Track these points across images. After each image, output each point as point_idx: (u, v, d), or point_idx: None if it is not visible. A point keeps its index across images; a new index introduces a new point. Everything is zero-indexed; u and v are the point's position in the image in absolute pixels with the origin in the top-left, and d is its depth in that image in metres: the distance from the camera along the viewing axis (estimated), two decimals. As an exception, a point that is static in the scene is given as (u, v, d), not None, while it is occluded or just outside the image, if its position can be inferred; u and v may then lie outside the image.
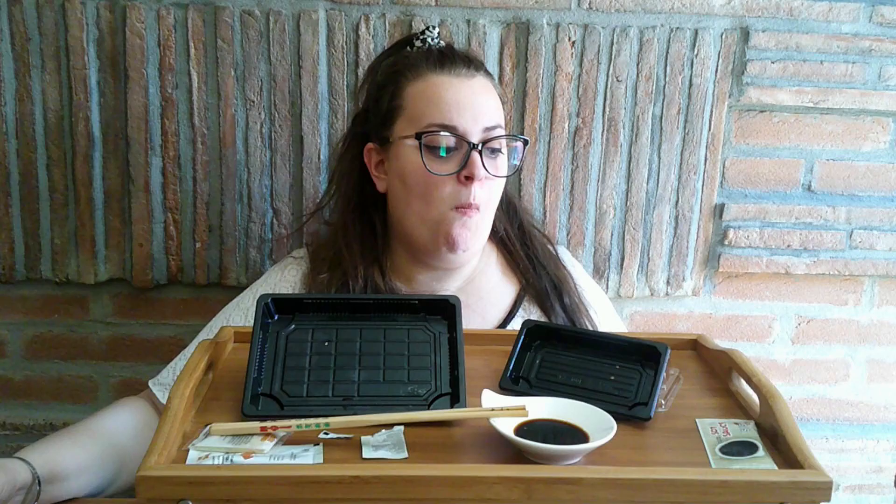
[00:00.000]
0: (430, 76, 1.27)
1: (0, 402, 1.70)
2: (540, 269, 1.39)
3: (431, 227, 1.27)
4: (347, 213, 1.36)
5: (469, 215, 1.25)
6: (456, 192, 1.25)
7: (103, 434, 1.20)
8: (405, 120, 1.28)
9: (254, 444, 0.84)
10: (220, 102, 1.56)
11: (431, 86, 1.27)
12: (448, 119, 1.24)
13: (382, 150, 1.32)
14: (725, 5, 1.58)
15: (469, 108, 1.25)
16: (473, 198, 1.24)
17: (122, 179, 1.59)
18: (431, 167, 1.24)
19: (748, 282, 1.73)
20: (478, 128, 1.25)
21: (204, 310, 1.66)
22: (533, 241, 1.42)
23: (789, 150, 1.67)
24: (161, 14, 1.52)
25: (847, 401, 1.80)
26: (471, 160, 1.24)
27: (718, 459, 0.86)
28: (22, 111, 1.54)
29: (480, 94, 1.28)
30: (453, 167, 1.24)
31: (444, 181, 1.24)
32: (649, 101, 1.61)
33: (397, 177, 1.29)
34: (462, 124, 1.24)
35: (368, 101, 1.36)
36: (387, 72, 1.33)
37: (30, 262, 1.61)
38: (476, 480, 0.78)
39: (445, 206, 1.25)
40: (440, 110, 1.25)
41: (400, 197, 1.29)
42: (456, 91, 1.26)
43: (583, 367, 1.01)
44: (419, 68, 1.28)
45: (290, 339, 0.99)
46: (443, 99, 1.25)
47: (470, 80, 1.28)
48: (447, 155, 1.24)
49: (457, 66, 1.28)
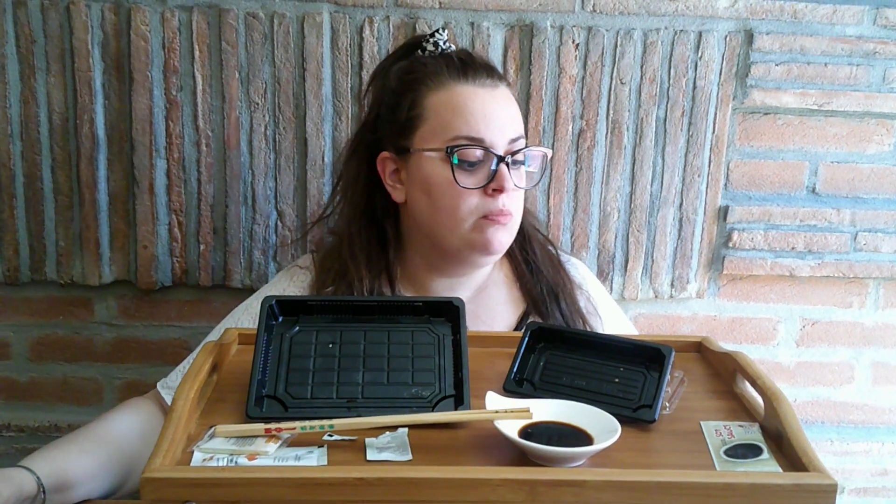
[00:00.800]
0: (455, 86, 1.25)
1: (5, 404, 1.70)
2: (538, 275, 1.37)
3: (462, 235, 1.25)
4: (354, 223, 1.34)
5: (502, 221, 1.24)
6: (484, 203, 1.23)
7: (111, 439, 1.19)
8: (428, 130, 1.25)
9: (258, 445, 0.84)
10: (224, 105, 1.57)
11: (456, 96, 1.24)
12: (476, 131, 1.22)
13: (400, 160, 1.29)
14: (729, 8, 1.58)
15: (495, 119, 1.23)
16: (503, 206, 1.23)
17: (126, 181, 1.59)
18: (461, 180, 1.22)
19: (752, 284, 1.72)
20: (504, 140, 1.24)
21: (208, 312, 1.67)
22: (532, 244, 1.40)
23: (793, 152, 1.67)
24: (166, 16, 1.52)
25: (852, 403, 1.80)
26: (499, 173, 1.22)
27: (723, 462, 0.86)
28: (27, 113, 1.55)
29: (505, 104, 1.26)
30: (481, 179, 1.23)
31: (472, 193, 1.23)
32: (653, 104, 1.61)
33: (420, 188, 1.26)
34: (489, 136, 1.22)
35: (381, 108, 1.33)
36: (403, 78, 1.29)
37: (35, 263, 1.61)
38: (480, 482, 0.78)
39: (474, 216, 1.24)
40: (468, 122, 1.22)
41: (422, 208, 1.27)
42: (482, 102, 1.24)
43: (587, 369, 1.01)
44: (441, 76, 1.26)
45: (294, 341, 1.00)
46: (469, 110, 1.23)
47: (494, 90, 1.26)
48: (474, 167, 1.23)
49: (480, 75, 1.26)
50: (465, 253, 1.27)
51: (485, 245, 1.25)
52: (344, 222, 1.37)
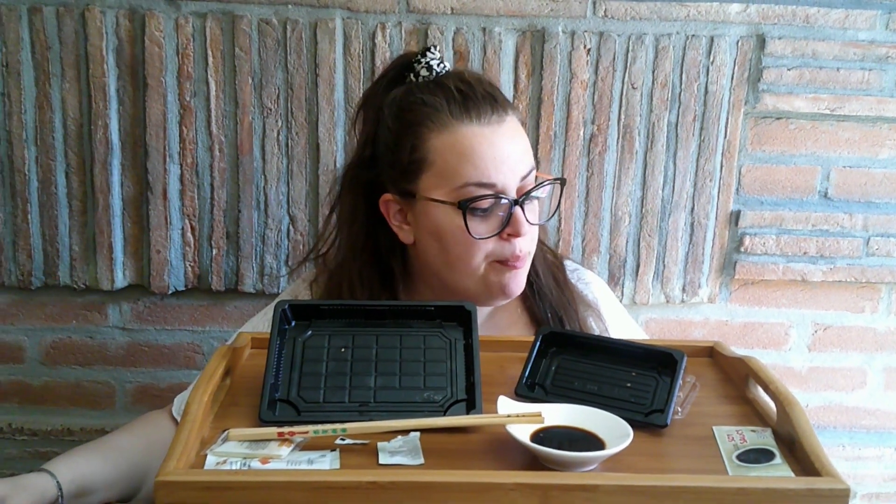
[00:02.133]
0: (459, 127, 1.16)
1: (19, 408, 1.71)
2: (542, 298, 1.31)
3: (477, 280, 1.20)
4: (355, 261, 1.27)
5: (518, 266, 1.19)
6: (499, 248, 1.18)
7: (132, 451, 1.20)
8: (434, 176, 1.17)
9: (271, 449, 0.84)
10: (237, 110, 1.58)
11: (462, 138, 1.16)
12: (486, 177, 1.15)
13: (405, 202, 1.21)
14: (741, 13, 1.58)
15: (506, 160, 1.16)
16: (519, 250, 1.18)
17: (140, 186, 1.60)
18: (474, 230, 1.15)
19: (764, 289, 1.72)
20: (515, 179, 1.17)
21: (221, 316, 1.68)
22: (537, 268, 1.30)
23: (805, 157, 1.67)
24: (180, 23, 1.53)
25: (864, 408, 1.80)
26: (514, 218, 1.16)
27: (735, 467, 0.86)
28: (42, 119, 1.56)
29: (512, 139, 1.18)
30: (495, 226, 1.17)
31: (488, 240, 1.17)
32: (665, 109, 1.61)
33: (429, 234, 1.20)
34: (501, 181, 1.15)
35: (378, 146, 1.24)
36: (402, 117, 1.20)
37: (48, 268, 1.62)
38: (492, 487, 0.78)
39: (488, 260, 1.19)
40: (477, 168, 1.15)
41: (433, 252, 1.21)
42: (490, 144, 1.16)
43: (599, 373, 1.01)
44: (442, 116, 1.17)
45: (307, 345, 1.00)
46: (478, 154, 1.15)
47: (500, 126, 1.18)
48: (486, 212, 1.16)
49: (484, 111, 1.17)
50: (481, 297, 1.21)
51: (501, 290, 1.20)
52: (343, 259, 1.30)
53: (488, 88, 1.21)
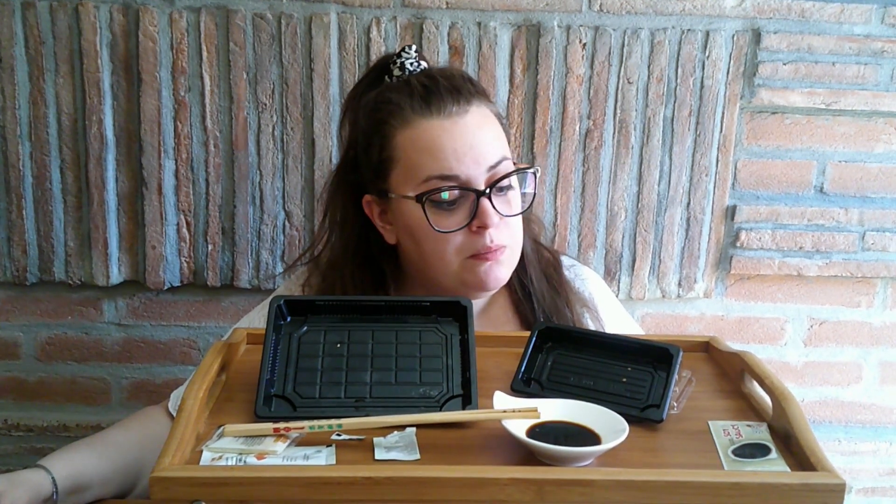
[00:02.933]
0: (419, 121, 1.15)
1: (14, 404, 1.71)
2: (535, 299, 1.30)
3: (454, 276, 1.19)
4: (347, 263, 1.27)
5: (490, 259, 1.16)
6: (470, 242, 1.16)
7: (127, 445, 1.20)
8: (401, 173, 1.17)
9: (267, 445, 0.84)
10: (232, 105, 1.57)
11: (422, 132, 1.15)
12: (448, 169, 1.13)
13: (383, 202, 1.22)
14: (737, 7, 1.58)
15: (468, 151, 1.14)
16: (491, 241, 1.15)
17: (135, 182, 1.60)
18: (439, 224, 1.14)
19: (760, 284, 1.72)
20: (481, 170, 1.15)
21: (217, 312, 1.67)
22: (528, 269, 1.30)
23: (801, 151, 1.67)
24: (174, 18, 1.53)
25: (860, 403, 1.80)
26: (480, 209, 1.14)
27: (731, 462, 0.86)
28: (36, 114, 1.56)
29: (477, 130, 1.16)
30: (463, 218, 1.15)
31: (456, 234, 1.15)
32: (660, 103, 1.61)
33: (405, 233, 1.20)
34: (464, 171, 1.14)
35: (356, 148, 1.25)
36: (371, 117, 1.21)
37: (43, 264, 1.62)
38: (488, 482, 0.78)
39: (461, 256, 1.17)
40: (438, 161, 1.14)
41: (412, 251, 1.21)
42: (450, 136, 1.14)
43: (594, 368, 1.01)
44: (404, 112, 1.17)
45: (302, 340, 1.00)
46: (438, 147, 1.14)
47: (462, 117, 1.16)
48: (454, 206, 1.15)
49: (445, 103, 1.16)
50: (463, 291, 1.19)
51: (479, 284, 1.18)
52: (335, 260, 1.29)
53: (456, 82, 1.19)
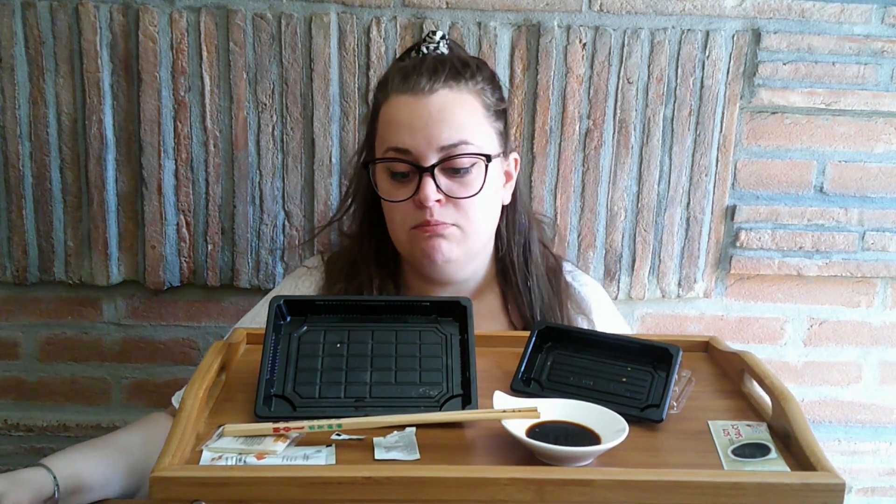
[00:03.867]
0: (394, 96, 1.21)
1: (14, 404, 1.71)
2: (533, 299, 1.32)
3: (405, 245, 1.25)
4: (365, 226, 1.34)
5: (429, 232, 1.21)
6: (413, 215, 1.21)
7: (130, 449, 1.20)
8: (377, 144, 1.25)
9: (267, 445, 0.84)
10: (232, 105, 1.57)
11: (392, 107, 1.21)
12: (401, 142, 1.19)
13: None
14: (737, 7, 1.58)
15: (422, 128, 1.18)
16: (430, 216, 1.19)
17: (135, 182, 1.60)
18: (388, 193, 1.22)
19: (760, 283, 1.72)
20: (432, 149, 1.18)
21: (216, 311, 1.67)
22: (530, 268, 1.33)
23: (801, 151, 1.67)
24: (174, 17, 1.53)
25: (859, 403, 1.80)
26: (421, 185, 1.18)
27: (731, 461, 0.86)
28: (36, 114, 1.56)
29: (440, 110, 1.19)
30: (409, 191, 1.20)
31: (404, 205, 1.21)
32: (660, 103, 1.61)
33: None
34: (415, 147, 1.18)
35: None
36: (375, 93, 1.29)
37: (43, 264, 1.62)
38: (488, 482, 0.78)
39: (406, 226, 1.23)
40: (395, 133, 1.20)
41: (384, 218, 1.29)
42: (410, 111, 1.19)
43: (594, 368, 1.01)
44: (387, 88, 1.23)
45: (302, 340, 1.00)
46: (397, 121, 1.20)
47: (429, 96, 1.19)
48: (406, 178, 1.21)
49: (419, 81, 1.20)
50: (417, 264, 1.27)
51: (424, 255, 1.22)
52: (356, 225, 1.37)
53: (444, 64, 1.22)
